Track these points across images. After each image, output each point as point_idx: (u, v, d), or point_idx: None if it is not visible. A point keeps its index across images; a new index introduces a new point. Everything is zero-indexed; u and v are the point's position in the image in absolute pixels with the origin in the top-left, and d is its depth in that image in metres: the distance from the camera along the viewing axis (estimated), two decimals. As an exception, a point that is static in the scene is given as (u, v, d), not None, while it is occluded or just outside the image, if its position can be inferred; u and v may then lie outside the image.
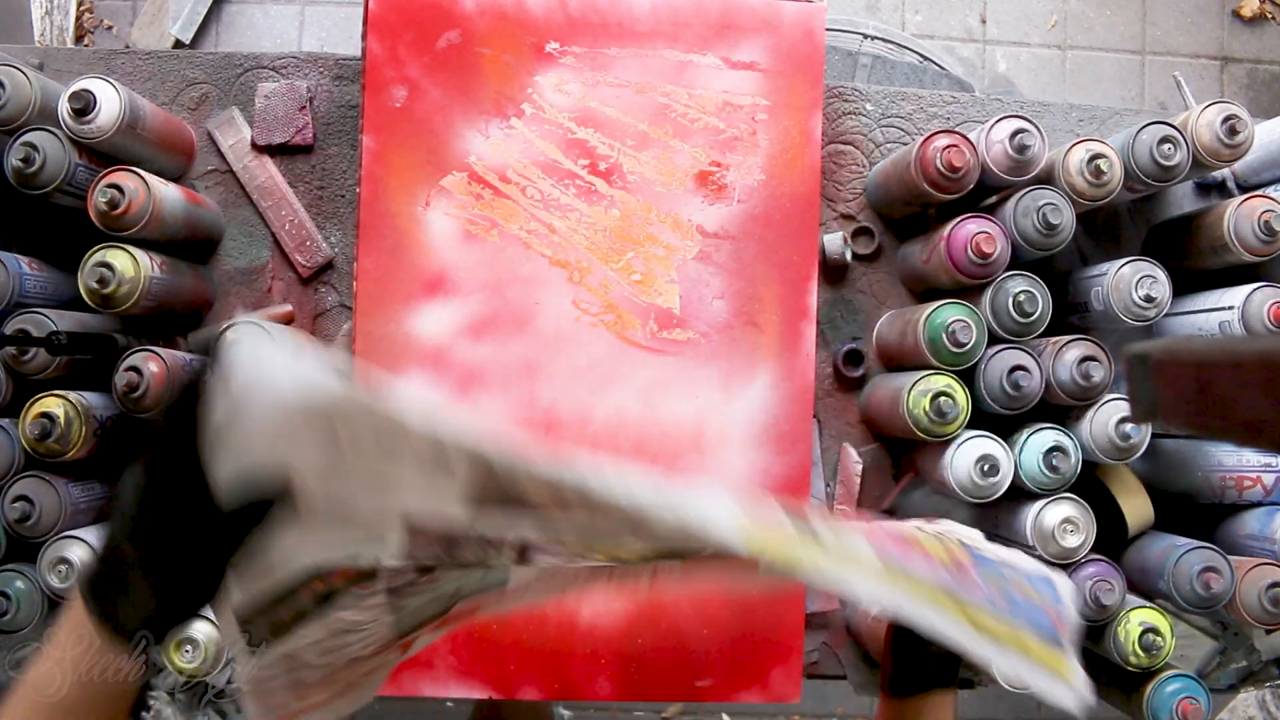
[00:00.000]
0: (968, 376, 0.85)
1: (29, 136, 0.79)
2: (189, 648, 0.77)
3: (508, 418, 0.89)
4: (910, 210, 0.96)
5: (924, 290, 0.97)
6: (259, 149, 0.96)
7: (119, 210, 0.79)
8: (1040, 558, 0.82)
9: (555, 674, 0.90)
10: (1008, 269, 0.84)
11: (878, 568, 0.47)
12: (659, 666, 0.90)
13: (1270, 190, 0.90)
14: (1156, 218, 1.01)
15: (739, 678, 0.90)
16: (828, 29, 1.02)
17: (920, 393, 0.83)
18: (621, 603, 0.89)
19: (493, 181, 0.90)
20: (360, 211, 0.89)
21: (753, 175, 0.92)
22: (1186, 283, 0.89)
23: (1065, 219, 0.82)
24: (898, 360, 0.93)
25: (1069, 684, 0.50)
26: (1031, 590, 0.53)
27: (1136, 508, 0.89)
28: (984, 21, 2.18)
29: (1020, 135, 0.82)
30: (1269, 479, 0.88)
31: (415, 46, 0.90)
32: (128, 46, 1.76)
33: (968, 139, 0.84)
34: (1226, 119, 0.83)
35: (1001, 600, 0.51)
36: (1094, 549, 0.83)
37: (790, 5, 0.93)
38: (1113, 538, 0.88)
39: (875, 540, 0.49)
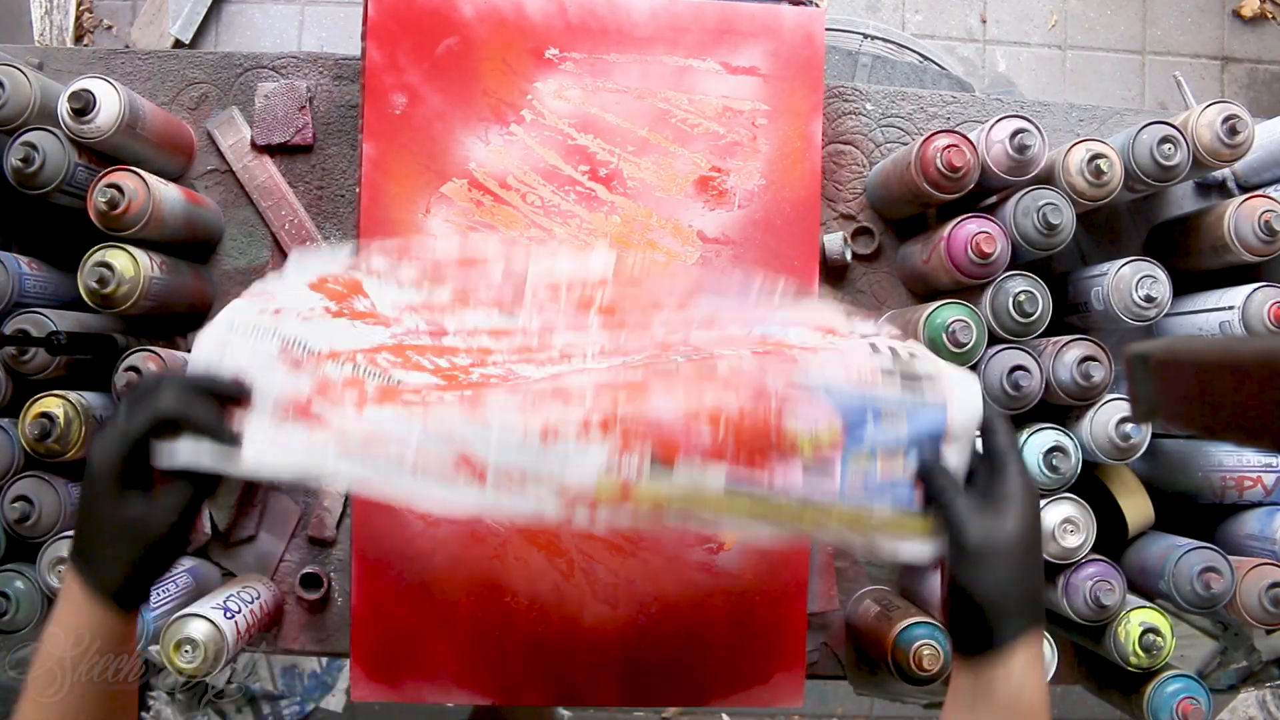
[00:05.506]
0: (968, 377, 0.85)
1: (29, 136, 0.79)
2: (189, 648, 0.77)
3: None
4: (910, 210, 0.96)
5: (924, 290, 0.97)
6: (259, 149, 0.96)
7: (119, 210, 0.79)
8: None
9: (558, 679, 0.90)
10: (1008, 269, 0.84)
11: (720, 501, 0.54)
12: (662, 671, 0.90)
13: (1270, 190, 0.90)
14: (1156, 218, 1.01)
15: (742, 682, 0.90)
16: (828, 29, 1.02)
17: (920, 393, 0.83)
18: (627, 607, 0.89)
19: (493, 188, 0.90)
20: (360, 219, 0.89)
21: (753, 180, 0.92)
22: (1186, 283, 0.89)
23: (1065, 219, 0.82)
24: (898, 360, 0.93)
25: (920, 542, 0.56)
26: (898, 462, 0.56)
27: (1136, 508, 0.89)
28: (984, 21, 2.18)
29: (1020, 135, 0.82)
30: (1269, 479, 0.88)
31: (414, 53, 0.89)
32: (127, 46, 1.76)
33: (968, 139, 0.84)
34: (1227, 119, 0.83)
35: (857, 485, 0.55)
36: (1094, 549, 0.83)
37: (790, 10, 0.93)
38: (1113, 538, 0.88)
39: (733, 471, 0.54)
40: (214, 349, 0.56)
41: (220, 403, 0.55)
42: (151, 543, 0.53)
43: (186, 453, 0.53)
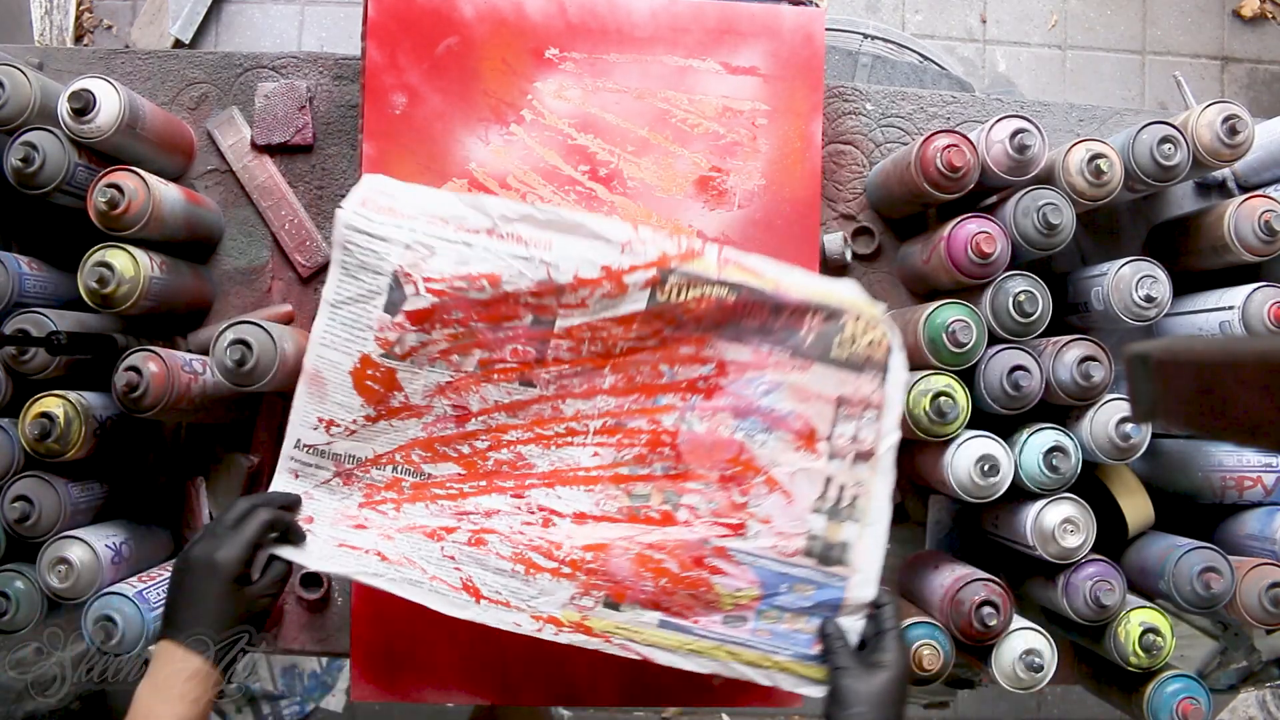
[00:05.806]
0: (968, 376, 0.85)
1: (29, 136, 0.79)
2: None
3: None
4: (910, 210, 0.96)
5: (924, 290, 0.97)
6: (259, 149, 0.96)
7: (119, 210, 0.79)
8: (1040, 558, 0.82)
9: (559, 679, 0.90)
10: (1008, 269, 0.84)
11: (654, 634, 0.74)
12: (662, 672, 0.90)
13: (1270, 190, 0.90)
14: (1156, 218, 1.01)
15: (742, 682, 0.90)
16: (828, 29, 1.02)
17: (920, 393, 0.83)
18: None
19: (493, 188, 0.90)
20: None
21: (753, 180, 0.92)
22: (1186, 283, 0.89)
23: (1065, 219, 0.82)
24: (898, 360, 0.93)
25: (813, 685, 0.74)
26: (801, 621, 0.74)
27: (1136, 508, 0.89)
28: (984, 21, 2.17)
29: (1020, 135, 0.82)
30: (1269, 479, 0.88)
31: (415, 53, 0.89)
32: (127, 46, 1.76)
33: (968, 139, 0.84)
34: (1227, 119, 0.83)
35: (765, 634, 0.74)
36: (1094, 549, 0.83)
37: (790, 10, 0.93)
38: (1113, 538, 0.88)
39: (666, 614, 0.74)
40: (288, 482, 0.74)
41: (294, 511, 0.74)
42: (260, 616, 0.70)
43: (278, 548, 0.72)
